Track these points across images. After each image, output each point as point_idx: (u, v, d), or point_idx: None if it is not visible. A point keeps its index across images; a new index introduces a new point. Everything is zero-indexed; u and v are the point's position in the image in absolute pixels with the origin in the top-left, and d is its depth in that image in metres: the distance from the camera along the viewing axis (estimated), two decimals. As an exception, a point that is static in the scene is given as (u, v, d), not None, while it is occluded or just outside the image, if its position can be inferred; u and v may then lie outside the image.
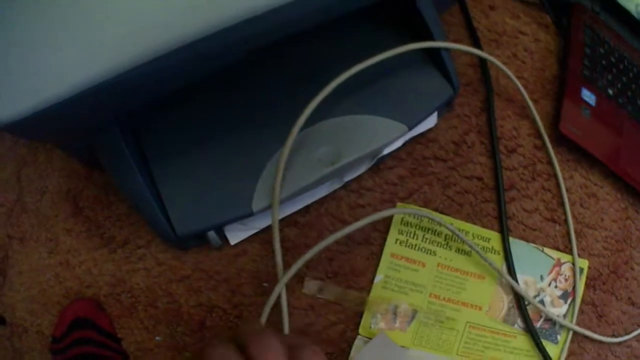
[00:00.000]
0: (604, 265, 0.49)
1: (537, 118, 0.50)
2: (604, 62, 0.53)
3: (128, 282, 0.46)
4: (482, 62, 0.51)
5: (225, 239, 0.44)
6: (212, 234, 0.42)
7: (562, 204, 0.49)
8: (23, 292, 0.48)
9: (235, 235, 0.44)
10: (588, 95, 0.51)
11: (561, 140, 0.50)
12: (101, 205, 0.48)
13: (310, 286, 0.43)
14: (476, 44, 0.52)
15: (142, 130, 0.43)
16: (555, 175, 0.49)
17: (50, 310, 0.47)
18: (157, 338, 0.45)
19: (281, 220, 0.44)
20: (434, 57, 0.45)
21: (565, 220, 0.49)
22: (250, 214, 0.41)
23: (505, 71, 0.47)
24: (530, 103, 0.49)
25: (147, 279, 0.46)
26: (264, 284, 0.44)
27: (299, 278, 0.44)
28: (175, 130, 0.43)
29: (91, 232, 0.48)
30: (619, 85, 0.53)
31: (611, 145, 0.50)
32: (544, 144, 0.50)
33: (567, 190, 0.49)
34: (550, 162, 0.50)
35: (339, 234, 0.39)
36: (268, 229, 0.44)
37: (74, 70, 0.30)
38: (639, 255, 0.50)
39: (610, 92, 0.52)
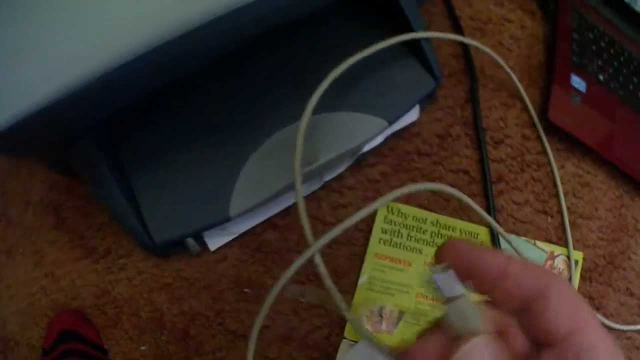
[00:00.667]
0: (599, 256, 0.47)
1: (528, 101, 0.48)
2: (593, 48, 0.51)
3: (111, 292, 0.45)
4: (466, 51, 0.50)
5: (205, 245, 0.43)
6: (190, 241, 0.42)
7: (556, 195, 0.47)
8: (12, 306, 0.48)
9: (215, 241, 0.43)
10: (578, 82, 0.49)
11: (551, 129, 0.49)
12: (82, 215, 0.48)
13: (292, 290, 0.42)
14: (459, 33, 0.50)
15: (119, 139, 0.43)
16: (550, 164, 0.47)
17: (39, 322, 0.47)
18: (142, 348, 0.44)
19: (260, 224, 0.44)
20: (414, 48, 0.44)
21: (559, 211, 0.47)
22: (228, 219, 0.40)
23: (490, 54, 0.45)
24: (520, 86, 0.47)
25: (130, 288, 0.45)
26: (245, 290, 0.43)
27: (281, 282, 0.43)
28: (151, 138, 0.43)
29: (74, 243, 0.47)
30: (610, 71, 0.51)
31: (603, 132, 0.49)
32: (536, 131, 0.48)
33: (559, 179, 0.48)
34: (541, 152, 0.48)
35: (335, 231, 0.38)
36: (247, 234, 0.44)
37: (42, 82, 0.30)
38: (636, 244, 0.48)
39: (601, 77, 0.50)
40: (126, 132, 0.43)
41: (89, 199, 0.48)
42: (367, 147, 0.43)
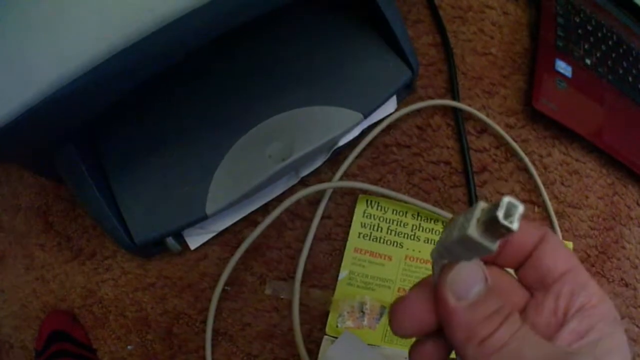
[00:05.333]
0: (591, 246, 0.46)
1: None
2: (579, 32, 0.50)
3: (98, 293, 0.46)
4: (445, 40, 0.49)
5: (186, 244, 0.43)
6: (170, 240, 0.42)
7: (543, 184, 0.46)
8: (6, 309, 0.49)
9: (194, 239, 0.43)
10: (563, 67, 0.48)
11: (537, 116, 0.47)
12: (69, 218, 0.48)
13: (273, 287, 0.42)
14: (439, 23, 0.49)
15: (99, 142, 0.43)
16: (520, 155, 0.46)
17: (31, 325, 0.47)
18: (129, 347, 0.45)
19: (240, 221, 0.43)
20: (389, 38, 0.43)
21: (544, 201, 0.46)
22: (205, 218, 0.40)
23: (480, 116, 0.45)
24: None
25: (115, 289, 0.45)
26: (226, 288, 0.43)
27: (261, 280, 0.43)
28: (129, 139, 0.43)
29: (62, 246, 0.48)
30: (597, 55, 0.49)
31: (592, 117, 0.47)
32: (520, 119, 0.47)
33: (545, 168, 0.47)
34: (526, 140, 0.47)
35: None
36: (227, 232, 0.44)
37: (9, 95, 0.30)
38: (629, 233, 0.47)
39: (588, 62, 0.49)
40: (105, 135, 0.43)
41: (74, 202, 0.49)
42: (343, 141, 0.42)
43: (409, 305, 0.17)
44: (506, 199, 0.14)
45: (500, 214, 0.14)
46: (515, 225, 0.14)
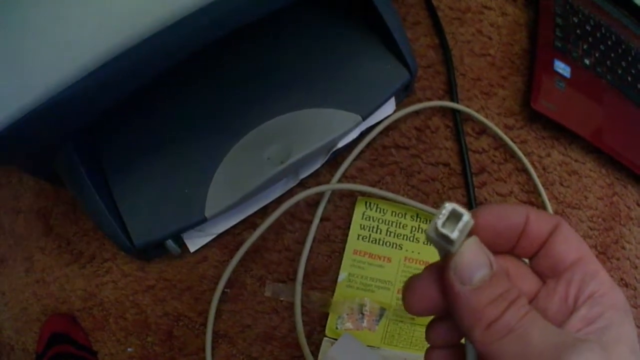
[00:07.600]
0: (590, 246, 0.46)
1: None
2: (578, 32, 0.50)
3: (98, 295, 0.46)
4: (443, 42, 0.49)
5: (185, 247, 0.43)
6: (170, 243, 0.42)
7: (542, 185, 0.46)
8: (7, 312, 0.49)
9: (194, 242, 0.43)
10: (562, 67, 0.48)
11: (535, 117, 0.47)
12: (69, 221, 0.49)
13: (272, 289, 0.42)
14: (437, 24, 0.49)
15: (99, 145, 0.43)
16: (519, 156, 0.46)
17: (32, 327, 0.48)
18: (129, 349, 0.45)
19: (239, 224, 0.44)
20: (387, 40, 0.43)
21: (543, 202, 0.46)
22: (204, 221, 0.40)
23: (478, 117, 0.45)
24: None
25: (115, 291, 0.46)
26: (226, 290, 0.43)
27: (260, 282, 0.43)
28: (128, 142, 0.43)
29: (62, 249, 0.48)
30: (596, 55, 0.49)
31: (591, 118, 0.47)
32: (519, 120, 0.47)
33: (544, 169, 0.47)
34: (525, 141, 0.47)
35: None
36: (226, 234, 0.44)
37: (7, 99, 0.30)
38: (629, 233, 0.47)
39: (587, 62, 0.49)
40: (105, 139, 0.43)
41: (74, 205, 0.49)
42: (342, 143, 0.42)
43: (419, 285, 0.18)
44: (449, 206, 0.14)
45: (439, 221, 0.13)
46: (454, 235, 0.13)
